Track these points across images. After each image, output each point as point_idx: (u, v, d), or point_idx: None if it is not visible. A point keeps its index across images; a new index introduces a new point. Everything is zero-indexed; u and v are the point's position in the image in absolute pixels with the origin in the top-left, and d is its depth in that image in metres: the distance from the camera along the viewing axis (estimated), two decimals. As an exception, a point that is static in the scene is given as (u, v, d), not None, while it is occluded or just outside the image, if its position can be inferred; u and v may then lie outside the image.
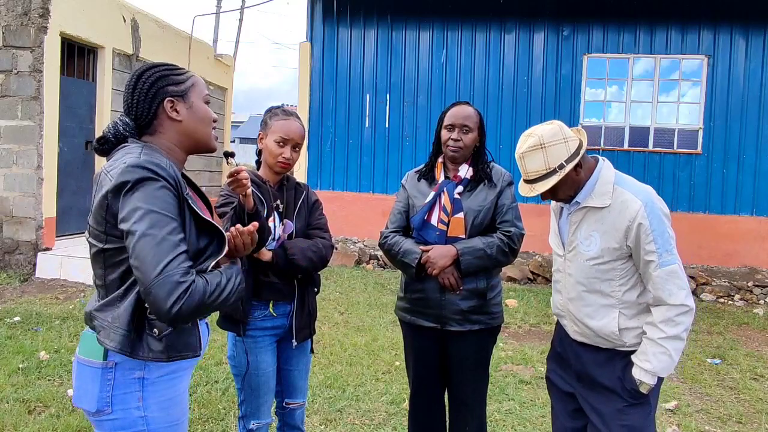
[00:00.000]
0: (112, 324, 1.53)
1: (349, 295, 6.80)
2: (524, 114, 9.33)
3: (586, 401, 2.20)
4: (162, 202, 1.49)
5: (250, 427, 2.44)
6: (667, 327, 1.99)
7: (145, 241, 1.44)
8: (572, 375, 2.27)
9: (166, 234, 1.46)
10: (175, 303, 1.42)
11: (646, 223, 2.00)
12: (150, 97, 1.64)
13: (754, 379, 4.68)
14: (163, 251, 1.44)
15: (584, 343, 2.20)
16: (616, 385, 2.10)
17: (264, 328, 2.41)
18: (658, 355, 2.00)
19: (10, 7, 7.23)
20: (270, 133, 2.42)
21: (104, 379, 1.55)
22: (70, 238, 7.82)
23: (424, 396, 2.72)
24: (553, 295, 2.37)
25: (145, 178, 1.49)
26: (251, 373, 2.39)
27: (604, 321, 2.10)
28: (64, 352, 4.48)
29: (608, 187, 2.09)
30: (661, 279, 1.99)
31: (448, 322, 2.55)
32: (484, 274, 2.54)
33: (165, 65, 1.70)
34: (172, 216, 1.50)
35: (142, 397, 1.56)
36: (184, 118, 1.67)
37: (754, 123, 8.79)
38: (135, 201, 1.47)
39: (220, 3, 20.51)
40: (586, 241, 2.12)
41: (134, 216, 1.46)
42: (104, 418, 1.56)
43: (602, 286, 2.11)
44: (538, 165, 2.07)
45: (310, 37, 9.84)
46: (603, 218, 2.08)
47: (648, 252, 2.00)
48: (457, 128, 2.56)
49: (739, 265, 8.65)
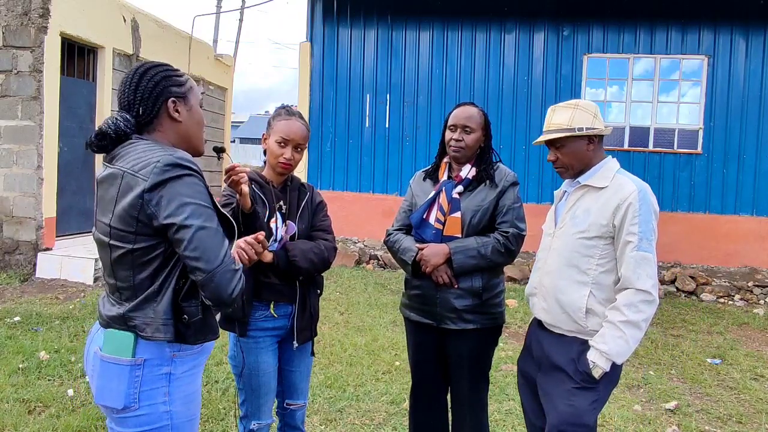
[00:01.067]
0: (156, 319, 1.59)
1: (349, 295, 6.80)
2: (524, 114, 9.33)
3: (541, 387, 2.26)
4: (205, 196, 1.57)
5: (251, 428, 2.44)
6: (628, 311, 2.05)
7: (204, 233, 1.52)
8: (534, 362, 2.34)
9: (216, 226, 1.57)
10: (235, 288, 1.56)
11: (636, 206, 2.09)
12: (155, 96, 1.66)
13: (754, 379, 4.68)
14: (218, 242, 1.55)
15: (547, 329, 2.29)
16: (569, 366, 2.16)
17: (265, 328, 2.40)
18: (616, 338, 2.06)
19: (10, 7, 7.23)
20: (272, 133, 2.42)
21: (132, 375, 1.58)
22: (70, 238, 7.82)
23: (424, 394, 2.73)
24: (531, 276, 2.44)
25: (185, 174, 1.55)
26: (252, 374, 2.39)
27: (574, 297, 2.17)
28: (64, 352, 4.48)
29: (610, 173, 2.23)
30: (635, 261, 2.07)
31: (443, 319, 2.56)
32: (481, 274, 2.54)
33: (164, 65, 1.72)
34: (213, 209, 1.59)
35: (168, 392, 1.61)
36: (184, 119, 1.71)
37: (754, 123, 8.80)
38: (182, 197, 1.53)
39: (220, 3, 20.50)
40: (580, 217, 2.21)
41: (186, 211, 1.52)
42: (129, 415, 1.59)
43: (581, 261, 2.18)
44: (563, 119, 2.23)
45: (310, 37, 9.84)
46: (599, 197, 2.20)
47: (630, 233, 2.08)
48: (459, 128, 2.58)
49: (739, 265, 8.65)
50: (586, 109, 2.24)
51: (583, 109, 2.23)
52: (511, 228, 2.54)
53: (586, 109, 2.24)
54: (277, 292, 2.39)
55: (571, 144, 2.23)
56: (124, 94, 1.67)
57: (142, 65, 1.70)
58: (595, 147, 2.26)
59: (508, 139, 9.24)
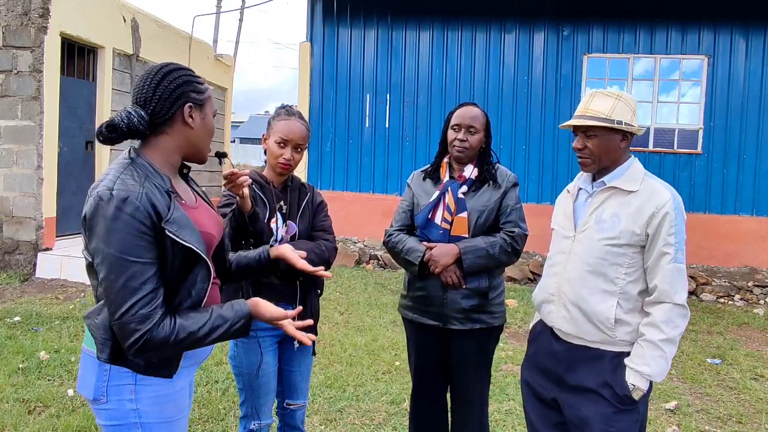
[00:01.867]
0: (98, 332, 1.59)
1: (349, 295, 6.80)
2: (524, 114, 9.33)
3: (568, 405, 2.10)
4: (122, 244, 1.49)
5: (251, 428, 2.44)
6: (668, 328, 1.94)
7: (106, 284, 1.50)
8: (551, 378, 2.16)
9: (125, 281, 1.48)
10: (131, 346, 1.50)
11: (673, 215, 1.98)
12: (174, 98, 1.64)
13: (754, 379, 4.68)
14: (120, 298, 1.49)
15: (567, 342, 2.12)
16: (604, 389, 2.01)
17: (265, 328, 2.39)
18: (657, 358, 1.94)
19: (10, 7, 7.23)
20: (272, 133, 2.43)
21: (101, 369, 1.60)
22: (70, 238, 7.82)
23: (425, 394, 2.72)
24: (543, 281, 2.27)
25: (111, 212, 1.49)
26: (252, 374, 2.40)
27: (601, 306, 2.03)
28: (64, 352, 4.48)
29: (638, 175, 2.10)
30: (672, 274, 1.96)
31: (449, 320, 2.56)
32: (486, 274, 2.55)
33: (189, 70, 1.71)
34: (133, 258, 1.50)
35: (134, 390, 1.60)
36: (196, 126, 1.69)
37: (754, 123, 8.79)
38: (97, 239, 1.51)
39: (220, 3, 20.50)
40: (607, 222, 2.07)
41: (98, 256, 1.51)
42: (101, 407, 1.62)
43: (608, 269, 2.04)
44: (604, 107, 2.08)
45: (310, 37, 9.84)
46: (629, 202, 2.05)
47: (667, 244, 1.97)
48: (464, 129, 2.57)
49: (739, 265, 8.65)
50: (628, 103, 2.10)
51: (625, 102, 2.09)
52: (515, 228, 2.55)
53: (628, 102, 2.09)
54: (278, 292, 2.38)
55: (605, 136, 2.08)
56: (143, 90, 1.63)
57: (168, 65, 1.68)
58: (626, 145, 2.12)
59: (508, 139, 9.23)
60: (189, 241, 1.58)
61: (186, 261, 1.60)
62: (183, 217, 1.60)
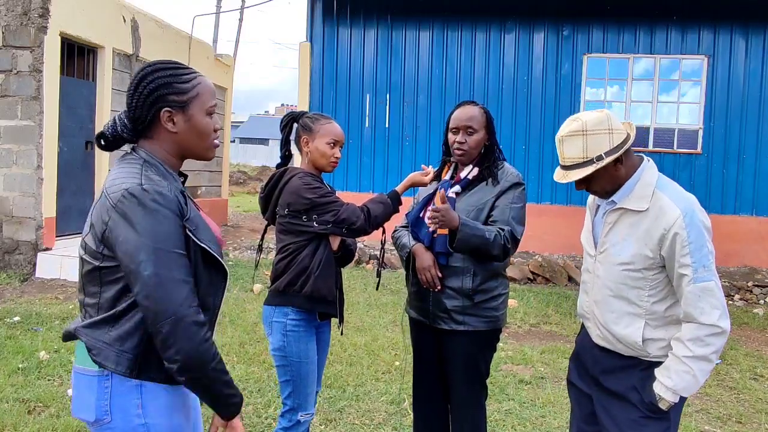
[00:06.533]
0: (112, 346, 1.48)
1: (349, 295, 6.80)
2: (524, 114, 9.33)
3: (602, 405, 2.10)
4: (169, 236, 1.44)
5: (297, 418, 2.47)
6: (694, 346, 1.86)
7: (153, 282, 1.41)
8: (590, 378, 2.18)
9: (177, 273, 1.43)
10: (194, 341, 1.43)
11: (684, 234, 1.86)
12: (149, 104, 1.55)
13: (754, 379, 4.68)
14: (173, 292, 1.42)
15: (605, 348, 2.10)
16: (631, 394, 2.00)
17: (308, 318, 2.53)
18: (681, 373, 1.88)
19: (9, 7, 7.23)
20: (319, 136, 2.54)
21: (101, 387, 1.50)
22: (70, 238, 7.81)
23: (423, 392, 2.73)
24: (580, 295, 2.25)
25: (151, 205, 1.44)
26: (302, 362, 2.45)
27: (629, 330, 1.98)
28: (64, 352, 4.48)
29: (648, 190, 1.97)
30: (694, 295, 1.86)
31: (436, 319, 2.55)
32: (472, 274, 2.49)
33: (171, 68, 1.59)
34: (181, 251, 1.46)
35: (141, 405, 1.51)
36: (180, 130, 1.58)
37: (754, 123, 8.80)
38: (134, 236, 1.42)
39: (220, 3, 20.51)
40: (619, 245, 1.99)
41: (137, 255, 1.41)
42: (105, 427, 1.51)
43: (630, 293, 1.98)
44: (576, 152, 1.95)
45: (310, 37, 9.84)
46: (638, 223, 1.96)
47: (682, 265, 1.87)
48: (461, 131, 2.55)
49: (739, 265, 8.65)
50: (597, 129, 1.92)
51: (593, 133, 1.92)
52: (506, 226, 2.47)
53: (596, 130, 1.92)
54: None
55: (597, 174, 1.94)
56: (127, 95, 1.59)
57: (148, 66, 1.59)
58: (625, 161, 1.98)
59: (508, 139, 9.23)
60: (205, 242, 1.54)
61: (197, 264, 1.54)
62: (198, 217, 1.57)
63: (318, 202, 2.40)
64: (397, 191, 2.57)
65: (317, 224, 2.41)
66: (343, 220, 2.41)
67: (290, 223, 2.45)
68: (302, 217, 2.42)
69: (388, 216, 2.52)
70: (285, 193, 2.46)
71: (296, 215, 2.43)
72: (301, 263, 2.43)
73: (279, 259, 2.50)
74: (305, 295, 2.43)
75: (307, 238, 2.44)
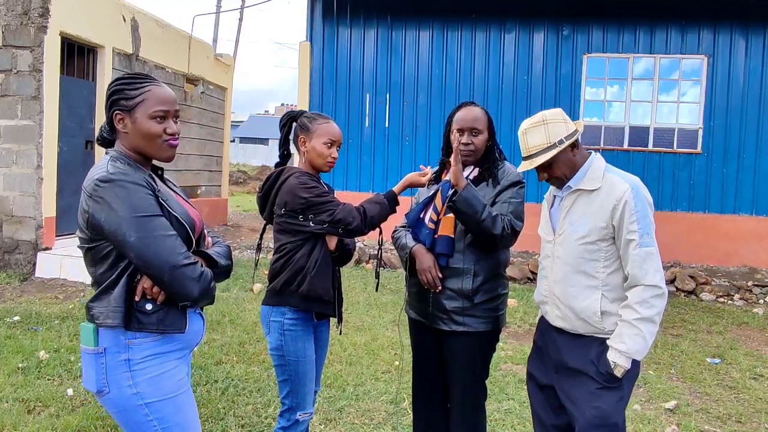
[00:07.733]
0: (108, 307, 1.72)
1: (349, 294, 6.79)
2: (524, 114, 9.31)
3: (562, 390, 2.26)
4: (138, 204, 1.69)
5: (296, 418, 2.47)
6: (641, 308, 2.08)
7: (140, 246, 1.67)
8: (550, 366, 2.33)
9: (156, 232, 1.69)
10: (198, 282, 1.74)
11: (632, 203, 2.11)
12: (107, 108, 1.84)
13: (754, 378, 4.68)
14: (162, 248, 1.69)
15: (563, 330, 2.27)
16: (588, 367, 2.17)
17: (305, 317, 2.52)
18: (633, 336, 2.08)
19: (9, 7, 7.23)
20: (316, 136, 2.54)
21: (98, 363, 1.75)
22: (70, 237, 7.80)
23: (422, 392, 2.74)
24: (538, 284, 2.43)
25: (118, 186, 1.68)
26: (300, 361, 2.45)
27: (587, 302, 2.18)
28: (64, 351, 4.48)
29: (599, 173, 2.23)
30: (640, 258, 2.09)
31: (435, 320, 2.55)
32: (472, 275, 2.49)
33: (129, 79, 1.84)
34: (153, 213, 1.71)
35: (131, 377, 1.74)
36: (130, 131, 1.82)
37: (754, 123, 8.80)
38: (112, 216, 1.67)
39: (220, 3, 20.50)
40: (576, 222, 2.22)
41: (120, 231, 1.66)
42: (106, 398, 1.77)
43: (587, 266, 2.20)
44: (539, 139, 2.21)
45: (310, 36, 9.84)
46: (592, 200, 2.20)
47: (630, 231, 2.11)
48: (467, 132, 2.55)
49: (738, 265, 8.66)
50: (555, 119, 2.22)
51: (552, 122, 2.22)
52: (507, 216, 2.47)
53: (554, 119, 2.22)
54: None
55: (558, 157, 2.21)
56: None
57: (116, 78, 1.87)
58: (578, 149, 2.26)
59: (507, 139, 9.18)
60: (176, 211, 1.79)
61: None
62: (169, 193, 1.85)
63: (314, 201, 2.40)
64: (394, 192, 2.55)
65: (313, 224, 2.40)
66: (339, 220, 2.39)
67: (287, 222, 2.45)
68: (298, 217, 2.41)
69: (384, 216, 2.50)
70: (282, 193, 2.46)
71: (293, 215, 2.42)
72: (297, 263, 2.43)
73: (276, 258, 2.50)
74: (301, 295, 2.42)
75: (303, 238, 2.44)
